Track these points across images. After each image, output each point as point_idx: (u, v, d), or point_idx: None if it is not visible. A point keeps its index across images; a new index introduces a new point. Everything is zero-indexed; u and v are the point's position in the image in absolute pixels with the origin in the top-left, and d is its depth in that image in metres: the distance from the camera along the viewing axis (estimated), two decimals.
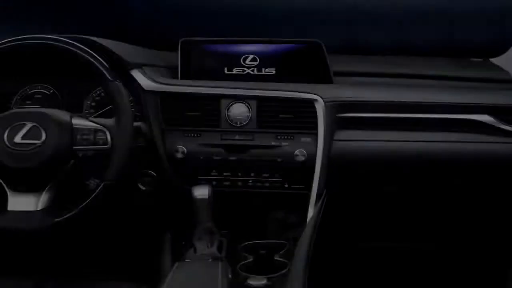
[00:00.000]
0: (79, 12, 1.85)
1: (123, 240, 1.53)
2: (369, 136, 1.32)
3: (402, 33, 1.82)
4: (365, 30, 1.84)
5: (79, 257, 1.57)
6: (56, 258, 1.57)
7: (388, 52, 1.82)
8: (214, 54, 1.52)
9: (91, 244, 1.53)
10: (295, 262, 1.11)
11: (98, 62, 1.17)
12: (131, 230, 1.49)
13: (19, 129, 1.13)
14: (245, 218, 1.38)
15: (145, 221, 1.46)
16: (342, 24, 1.84)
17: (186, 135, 1.32)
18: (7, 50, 1.16)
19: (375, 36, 1.84)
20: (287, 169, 1.30)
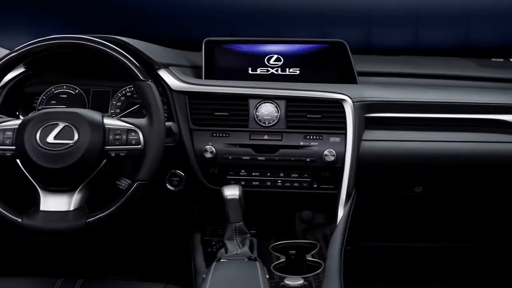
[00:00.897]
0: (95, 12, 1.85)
1: (152, 240, 1.52)
2: (396, 136, 1.33)
3: (420, 34, 1.82)
4: (381, 31, 1.84)
5: (107, 257, 1.56)
6: (86, 258, 1.56)
7: (405, 53, 1.83)
8: (238, 54, 1.53)
9: (120, 244, 1.53)
10: (329, 262, 1.11)
11: (130, 62, 1.16)
12: (159, 230, 1.49)
13: (52, 129, 1.13)
14: (272, 217, 1.38)
15: (173, 222, 1.46)
16: (359, 24, 1.84)
17: (214, 135, 1.32)
18: (40, 50, 1.15)
19: (392, 37, 1.84)
20: (316, 169, 1.30)
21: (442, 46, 1.81)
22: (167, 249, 1.54)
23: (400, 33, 1.83)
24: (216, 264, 1.01)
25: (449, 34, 1.80)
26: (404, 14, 1.82)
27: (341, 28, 1.84)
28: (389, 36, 1.84)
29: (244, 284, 0.92)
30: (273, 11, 1.83)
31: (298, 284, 1.06)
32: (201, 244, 1.33)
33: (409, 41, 1.84)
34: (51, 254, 1.60)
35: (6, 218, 1.11)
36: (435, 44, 1.81)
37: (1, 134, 1.15)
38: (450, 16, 1.78)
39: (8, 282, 1.20)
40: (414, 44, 1.86)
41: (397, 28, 1.84)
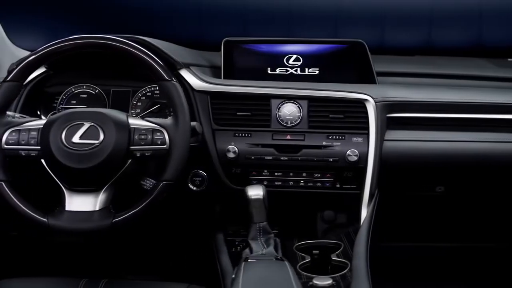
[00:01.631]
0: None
1: (174, 240, 1.52)
2: (418, 136, 1.33)
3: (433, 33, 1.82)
4: (394, 31, 1.85)
5: (129, 257, 1.56)
6: (108, 258, 1.56)
7: (418, 52, 1.83)
8: (257, 54, 1.53)
9: (142, 244, 1.53)
10: (355, 261, 1.11)
11: (155, 62, 1.16)
12: (181, 231, 1.49)
13: (77, 129, 1.12)
14: (293, 217, 1.38)
15: (195, 222, 1.46)
16: (372, 25, 1.84)
17: (236, 135, 1.32)
18: (67, 49, 1.15)
19: (405, 37, 1.85)
20: (338, 169, 1.30)
21: (455, 46, 1.81)
22: (189, 249, 1.54)
23: (413, 33, 1.84)
24: (245, 264, 1.01)
25: (462, 34, 1.80)
26: (417, 14, 1.83)
27: (354, 28, 1.84)
28: (402, 36, 1.84)
29: (276, 284, 0.92)
30: (286, 12, 1.83)
31: (326, 284, 1.06)
32: (225, 244, 1.33)
33: (422, 41, 1.85)
34: (74, 254, 1.60)
35: (32, 219, 1.11)
36: (448, 44, 1.81)
37: (26, 134, 1.15)
38: (463, 15, 1.78)
39: (32, 282, 1.20)
40: (427, 44, 1.86)
41: (410, 28, 1.84)
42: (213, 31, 1.82)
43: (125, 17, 1.80)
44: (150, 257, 1.60)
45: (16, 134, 1.15)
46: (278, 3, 1.82)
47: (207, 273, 1.29)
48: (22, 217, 1.11)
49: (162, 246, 1.59)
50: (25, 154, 1.14)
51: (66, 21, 1.71)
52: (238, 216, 1.38)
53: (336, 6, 1.83)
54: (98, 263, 1.59)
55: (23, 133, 1.15)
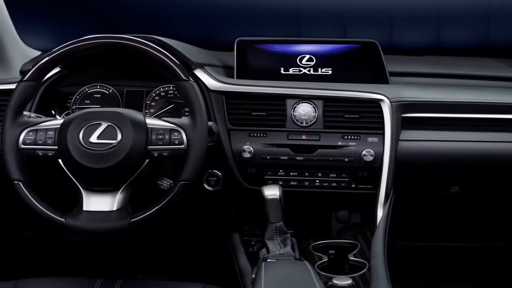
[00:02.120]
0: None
1: (189, 240, 1.52)
2: (433, 136, 1.33)
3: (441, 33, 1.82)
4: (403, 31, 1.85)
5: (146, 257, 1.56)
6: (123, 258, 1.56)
7: (426, 52, 1.83)
8: (270, 54, 1.53)
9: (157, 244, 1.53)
10: (374, 261, 1.11)
11: (172, 62, 1.16)
12: (197, 231, 1.49)
13: (95, 128, 1.12)
14: (308, 217, 1.38)
15: (210, 222, 1.46)
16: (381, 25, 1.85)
17: (252, 135, 1.32)
18: (86, 48, 1.15)
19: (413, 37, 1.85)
20: (354, 169, 1.30)
21: (464, 46, 1.81)
22: (205, 249, 1.54)
23: (422, 33, 1.84)
24: (265, 264, 1.01)
25: (470, 34, 1.80)
26: (425, 14, 1.83)
27: (363, 28, 1.84)
28: (410, 36, 1.84)
29: (299, 284, 0.92)
30: (294, 12, 1.83)
31: (346, 284, 1.06)
32: (241, 244, 1.33)
33: (430, 41, 1.85)
34: (88, 254, 1.60)
35: (50, 218, 1.11)
36: (456, 43, 1.81)
37: (43, 134, 1.15)
38: (472, 15, 1.78)
39: (48, 282, 1.20)
40: (435, 44, 1.86)
41: (418, 28, 1.84)
42: (221, 31, 1.82)
43: (134, 17, 1.80)
44: (165, 257, 1.60)
45: (33, 134, 1.14)
46: (286, 3, 1.82)
47: (223, 273, 1.29)
48: (40, 217, 1.11)
49: (178, 246, 1.59)
50: (42, 154, 1.14)
51: (75, 21, 1.71)
52: (253, 216, 1.38)
53: (345, 6, 1.83)
54: (113, 263, 1.59)
55: (40, 133, 1.15)
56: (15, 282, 1.19)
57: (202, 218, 1.49)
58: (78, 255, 1.66)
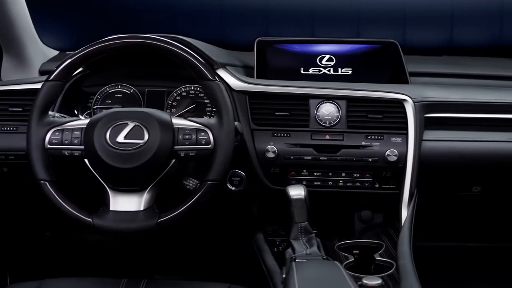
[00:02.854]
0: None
1: (213, 241, 1.52)
2: (455, 136, 1.33)
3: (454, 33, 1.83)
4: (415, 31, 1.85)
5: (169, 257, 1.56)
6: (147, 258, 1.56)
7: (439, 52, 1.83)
8: (290, 54, 1.53)
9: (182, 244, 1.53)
10: (401, 261, 1.11)
11: (199, 62, 1.16)
12: (220, 231, 1.49)
13: (121, 128, 1.12)
14: (331, 217, 1.38)
15: (233, 222, 1.46)
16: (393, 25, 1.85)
17: (275, 135, 1.32)
18: (115, 47, 1.15)
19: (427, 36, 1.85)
20: (377, 169, 1.30)
21: (477, 45, 1.82)
22: (228, 249, 1.53)
23: (435, 32, 1.84)
24: (295, 264, 1.01)
25: (483, 33, 1.81)
26: (438, 14, 1.83)
27: (376, 28, 1.84)
28: (423, 36, 1.85)
29: (333, 284, 0.92)
30: (308, 12, 1.83)
31: (376, 284, 1.06)
32: (266, 244, 1.33)
33: (444, 41, 1.85)
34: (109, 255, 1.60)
35: (77, 219, 1.11)
36: (469, 43, 1.81)
37: (69, 134, 1.14)
38: (484, 15, 1.78)
39: (73, 282, 1.20)
40: (448, 43, 1.86)
41: (431, 28, 1.84)
42: (234, 32, 1.82)
43: (148, 17, 1.80)
44: (188, 257, 1.60)
45: (59, 134, 1.14)
46: (300, 3, 1.82)
47: (248, 273, 1.29)
48: (67, 217, 1.11)
49: (201, 247, 1.59)
50: (69, 154, 1.14)
51: (93, 21, 1.71)
52: (275, 216, 1.38)
53: (358, 7, 1.83)
54: (135, 263, 1.59)
55: (66, 132, 1.15)
56: (39, 282, 1.19)
57: (225, 218, 1.49)
58: (98, 255, 1.65)
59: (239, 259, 1.43)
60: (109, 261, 1.63)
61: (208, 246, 1.59)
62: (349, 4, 1.82)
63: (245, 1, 1.83)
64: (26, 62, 1.55)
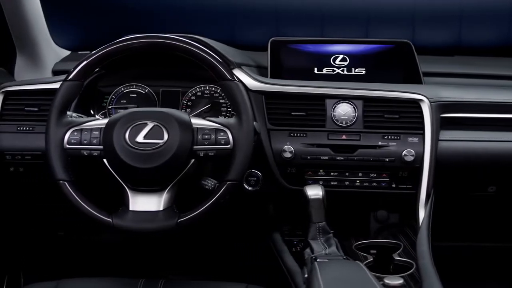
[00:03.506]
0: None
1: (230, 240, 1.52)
2: (471, 136, 1.34)
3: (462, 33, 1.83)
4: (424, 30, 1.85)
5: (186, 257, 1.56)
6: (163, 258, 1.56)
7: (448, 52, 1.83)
8: (303, 54, 1.53)
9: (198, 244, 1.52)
10: (421, 261, 1.12)
11: (218, 62, 1.16)
12: (237, 231, 1.49)
13: (141, 128, 1.12)
14: (347, 217, 1.38)
15: (250, 222, 1.46)
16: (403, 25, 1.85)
17: (292, 135, 1.32)
18: (128, 48, 1.15)
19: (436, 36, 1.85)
20: (394, 169, 1.30)
21: (486, 45, 1.82)
22: (245, 249, 1.53)
23: (443, 33, 1.84)
24: (318, 264, 1.01)
25: (492, 33, 1.81)
26: (447, 14, 1.83)
27: (385, 28, 1.84)
28: (432, 36, 1.85)
29: (359, 283, 0.92)
30: (317, 12, 1.83)
31: (398, 284, 1.06)
32: (284, 244, 1.33)
33: (452, 41, 1.85)
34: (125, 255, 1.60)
35: (97, 219, 1.11)
36: (478, 43, 1.82)
37: (88, 134, 1.14)
38: (493, 15, 1.79)
39: (91, 282, 1.20)
40: (457, 43, 1.86)
41: (440, 28, 1.84)
42: (244, 32, 1.82)
43: (158, 17, 1.79)
44: (205, 257, 1.60)
45: (77, 134, 1.14)
46: (310, 4, 1.82)
47: (265, 273, 1.29)
48: (86, 217, 1.11)
49: (217, 247, 1.59)
50: (87, 154, 1.14)
51: (102, 21, 1.70)
52: (291, 216, 1.38)
53: (367, 7, 1.84)
54: (151, 263, 1.59)
55: (85, 132, 1.14)
56: (56, 282, 1.18)
57: (241, 218, 1.49)
58: (111, 255, 1.65)
59: (256, 259, 1.43)
60: (122, 261, 1.63)
61: (224, 246, 1.58)
62: (358, 4, 1.82)
63: (255, 2, 1.83)
64: (39, 62, 1.55)
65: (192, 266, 1.61)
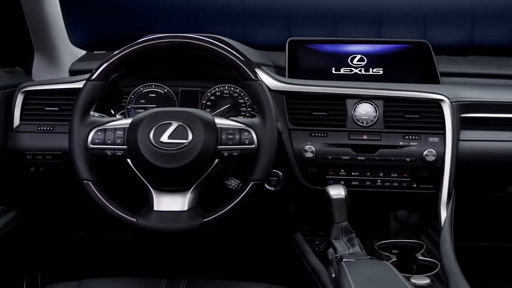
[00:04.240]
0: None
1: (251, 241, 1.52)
2: (492, 136, 1.34)
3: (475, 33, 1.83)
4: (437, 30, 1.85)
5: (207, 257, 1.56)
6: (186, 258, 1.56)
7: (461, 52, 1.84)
8: (321, 54, 1.53)
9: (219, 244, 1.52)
10: (446, 261, 1.12)
11: (241, 62, 1.16)
12: (258, 231, 1.49)
13: (165, 128, 1.12)
14: (367, 217, 1.38)
15: (270, 222, 1.46)
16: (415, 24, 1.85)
17: (313, 135, 1.32)
18: (152, 48, 1.15)
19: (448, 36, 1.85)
20: (415, 168, 1.30)
21: (498, 45, 1.82)
22: (266, 249, 1.53)
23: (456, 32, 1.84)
24: (346, 264, 1.01)
25: (505, 33, 1.81)
26: (459, 14, 1.83)
27: (397, 28, 1.84)
28: (444, 36, 1.85)
29: (390, 283, 0.92)
30: (330, 12, 1.83)
31: (425, 284, 1.06)
32: (307, 244, 1.33)
33: (464, 40, 1.85)
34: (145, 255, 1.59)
35: (121, 219, 1.10)
36: (490, 43, 1.82)
37: (111, 134, 1.14)
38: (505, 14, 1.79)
39: (113, 281, 1.20)
40: (469, 43, 1.87)
41: (452, 28, 1.84)
42: (258, 32, 1.82)
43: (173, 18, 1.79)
44: (226, 257, 1.60)
45: (101, 134, 1.14)
46: (322, 4, 1.82)
47: (287, 273, 1.29)
48: (111, 217, 1.10)
49: (239, 246, 1.58)
50: (111, 153, 1.14)
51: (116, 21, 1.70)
52: (312, 216, 1.38)
53: (380, 7, 1.84)
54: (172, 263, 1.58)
55: (108, 132, 1.14)
56: (78, 282, 1.18)
57: (262, 218, 1.49)
58: (130, 255, 1.65)
59: (277, 258, 1.43)
60: (140, 261, 1.63)
61: (245, 246, 1.58)
62: (371, 4, 1.83)
63: (267, 2, 1.83)
64: (57, 62, 1.55)
65: (213, 266, 1.61)
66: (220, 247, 1.60)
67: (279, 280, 1.21)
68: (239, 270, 1.59)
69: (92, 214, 1.29)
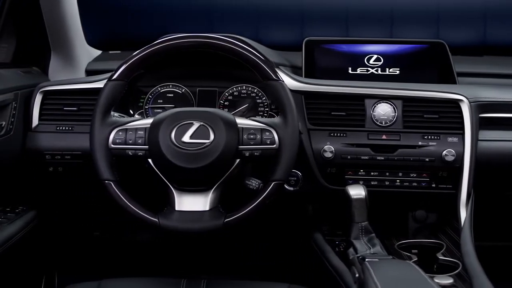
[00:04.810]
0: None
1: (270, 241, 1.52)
2: (509, 136, 1.34)
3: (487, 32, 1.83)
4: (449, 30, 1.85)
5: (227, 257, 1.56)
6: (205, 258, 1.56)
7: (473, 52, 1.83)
8: (337, 54, 1.53)
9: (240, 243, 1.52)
10: (468, 260, 1.12)
11: (262, 62, 1.16)
12: (277, 231, 1.49)
13: (187, 128, 1.12)
14: (385, 216, 1.38)
15: (290, 222, 1.46)
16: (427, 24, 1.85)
17: (332, 135, 1.32)
18: (172, 48, 1.15)
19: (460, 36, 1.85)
20: (434, 168, 1.30)
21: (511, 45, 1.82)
22: (286, 249, 1.53)
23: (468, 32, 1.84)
24: (370, 263, 1.01)
25: None
26: (471, 14, 1.83)
27: (409, 28, 1.84)
28: (456, 36, 1.85)
29: (416, 283, 0.92)
30: (342, 12, 1.84)
31: (448, 283, 1.06)
32: (327, 244, 1.33)
33: (476, 40, 1.85)
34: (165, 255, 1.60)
35: (143, 219, 1.10)
36: (504, 42, 1.82)
37: (132, 134, 1.14)
38: None
39: (134, 282, 1.20)
40: (482, 43, 1.87)
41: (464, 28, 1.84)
42: (271, 32, 1.82)
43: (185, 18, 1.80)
44: (246, 257, 1.60)
45: (122, 134, 1.14)
46: (334, 4, 1.82)
47: (307, 273, 1.29)
48: (132, 217, 1.11)
49: (258, 246, 1.58)
50: (132, 153, 1.14)
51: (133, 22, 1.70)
52: (330, 216, 1.38)
53: (392, 7, 1.84)
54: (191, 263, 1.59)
55: (129, 132, 1.14)
56: (98, 282, 1.18)
57: (281, 218, 1.49)
58: (147, 255, 1.65)
59: (296, 258, 1.42)
60: (158, 261, 1.63)
61: (264, 246, 1.58)
62: (383, 4, 1.83)
63: (280, 2, 1.83)
64: (73, 61, 1.55)
65: (232, 266, 1.61)
66: (240, 247, 1.60)
67: (299, 280, 1.21)
68: (258, 270, 1.59)
69: (110, 214, 1.29)
